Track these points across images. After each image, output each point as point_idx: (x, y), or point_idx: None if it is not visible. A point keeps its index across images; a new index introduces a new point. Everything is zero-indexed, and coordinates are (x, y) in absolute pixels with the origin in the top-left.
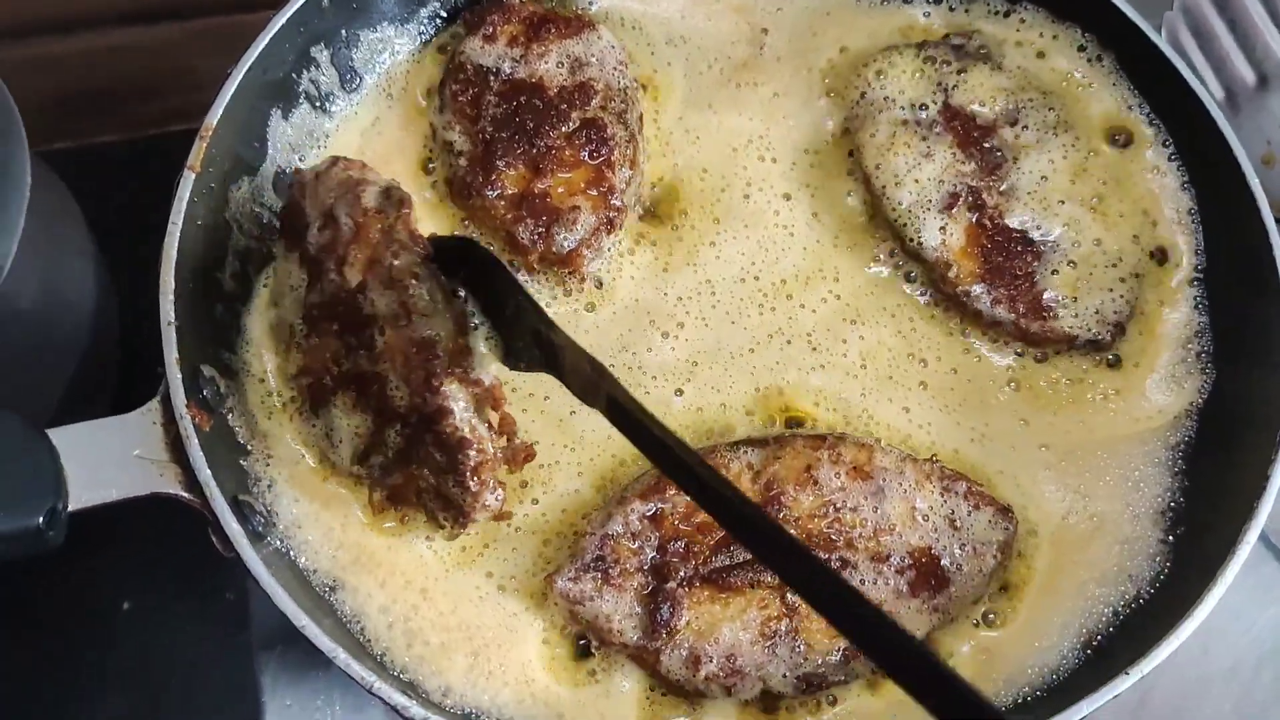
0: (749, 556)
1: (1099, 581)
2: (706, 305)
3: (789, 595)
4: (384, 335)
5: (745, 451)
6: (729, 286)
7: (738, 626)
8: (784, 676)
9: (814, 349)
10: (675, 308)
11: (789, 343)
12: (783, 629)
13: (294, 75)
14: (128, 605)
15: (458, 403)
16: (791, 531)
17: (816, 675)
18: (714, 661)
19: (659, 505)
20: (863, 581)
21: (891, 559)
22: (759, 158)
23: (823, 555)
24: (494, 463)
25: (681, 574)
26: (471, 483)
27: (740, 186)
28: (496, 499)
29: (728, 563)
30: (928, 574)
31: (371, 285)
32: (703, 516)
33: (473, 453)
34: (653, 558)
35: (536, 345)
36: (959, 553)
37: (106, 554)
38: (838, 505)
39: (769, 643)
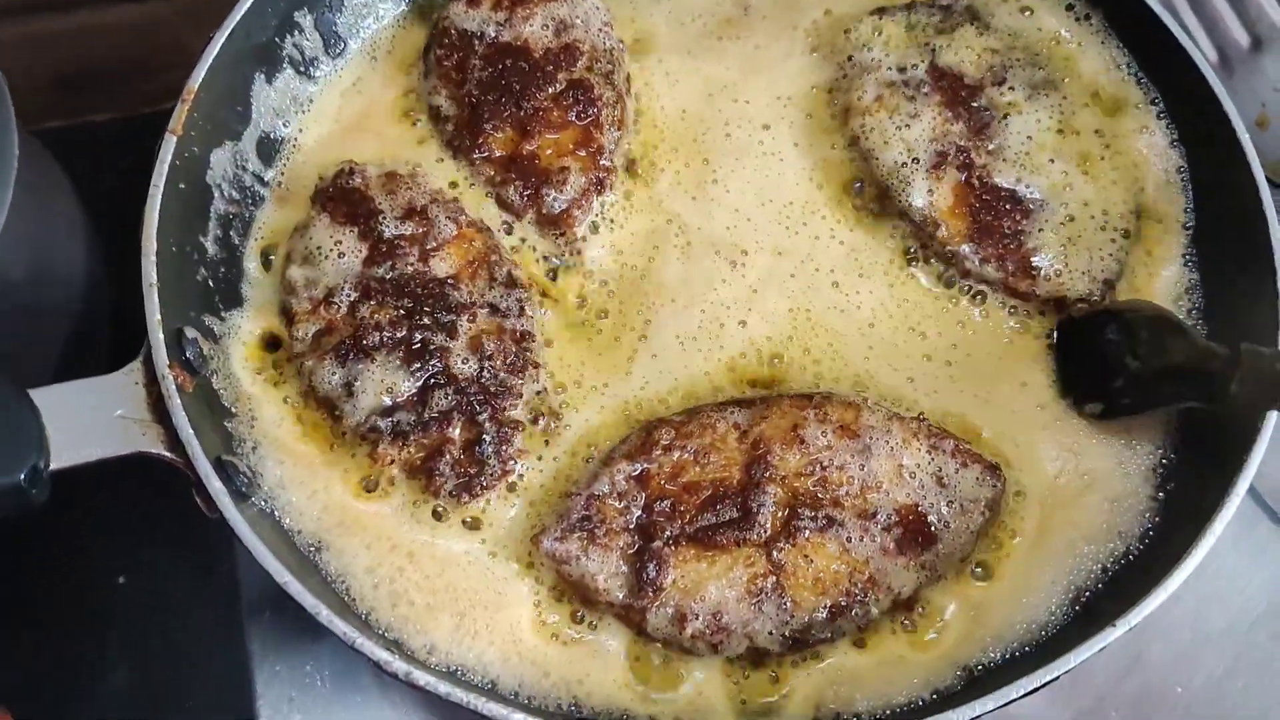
0: (735, 515)
1: (1088, 539)
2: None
3: (775, 553)
4: (475, 320)
5: (732, 411)
6: (755, 212)
7: (723, 584)
8: (770, 634)
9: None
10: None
11: (809, 272)
12: (769, 586)
13: (277, 40)
14: (123, 579)
15: (531, 388)
16: (778, 492)
17: (803, 632)
18: (700, 619)
19: (645, 465)
20: (850, 539)
21: (879, 516)
22: (732, 100)
23: (809, 513)
24: (525, 454)
25: (667, 533)
26: (504, 463)
27: (720, 126)
28: (507, 483)
29: (713, 521)
30: (915, 531)
31: (466, 280)
32: (689, 476)
33: (518, 438)
34: (639, 517)
35: (1183, 376)
36: (946, 510)
37: (100, 528)
38: (824, 464)
39: (755, 600)
